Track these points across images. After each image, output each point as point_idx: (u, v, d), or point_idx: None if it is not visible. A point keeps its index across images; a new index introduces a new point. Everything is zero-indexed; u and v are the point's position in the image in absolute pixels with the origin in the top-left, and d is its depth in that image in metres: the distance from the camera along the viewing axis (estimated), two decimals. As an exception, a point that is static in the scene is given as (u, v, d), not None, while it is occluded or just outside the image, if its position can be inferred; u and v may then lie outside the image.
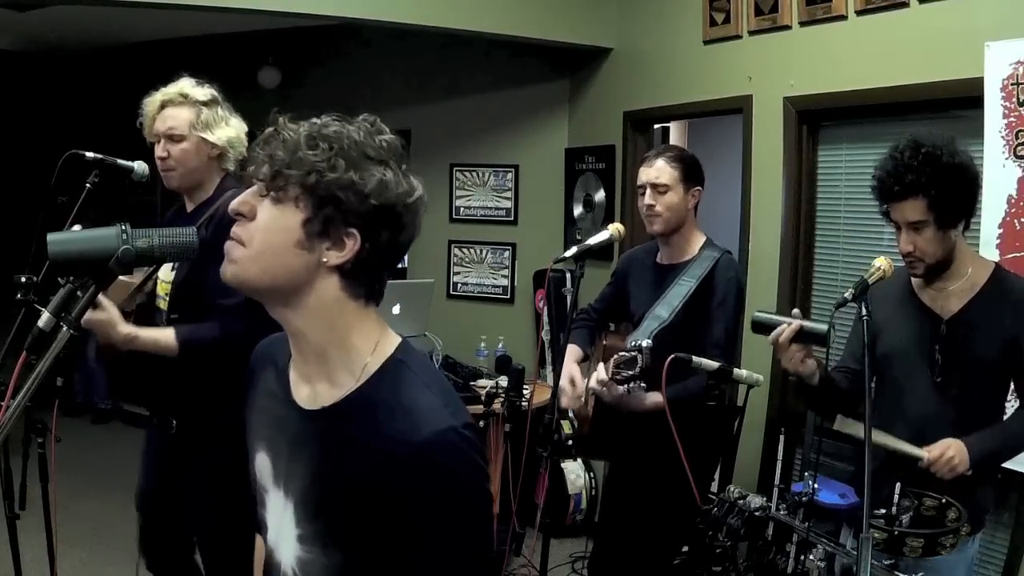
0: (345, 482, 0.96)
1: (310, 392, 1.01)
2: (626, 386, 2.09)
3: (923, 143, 1.74)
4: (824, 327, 1.74)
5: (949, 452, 1.75)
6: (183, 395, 2.01)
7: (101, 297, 1.69)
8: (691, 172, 2.36)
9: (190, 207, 2.11)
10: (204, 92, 2.05)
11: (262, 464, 1.07)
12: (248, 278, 0.97)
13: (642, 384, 2.08)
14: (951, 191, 1.73)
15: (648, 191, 2.35)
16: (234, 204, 0.98)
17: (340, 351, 0.99)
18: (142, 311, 2.11)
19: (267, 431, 1.07)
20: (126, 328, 1.81)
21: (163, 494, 2.17)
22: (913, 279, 1.92)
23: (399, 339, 1.03)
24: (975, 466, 1.76)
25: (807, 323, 1.79)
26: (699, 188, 2.38)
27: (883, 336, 1.92)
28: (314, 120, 0.98)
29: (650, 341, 2.10)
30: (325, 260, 0.95)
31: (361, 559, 0.96)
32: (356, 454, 0.95)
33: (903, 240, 1.80)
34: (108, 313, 1.77)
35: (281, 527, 1.04)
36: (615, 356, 2.14)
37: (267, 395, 1.09)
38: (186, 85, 2.04)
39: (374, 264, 0.98)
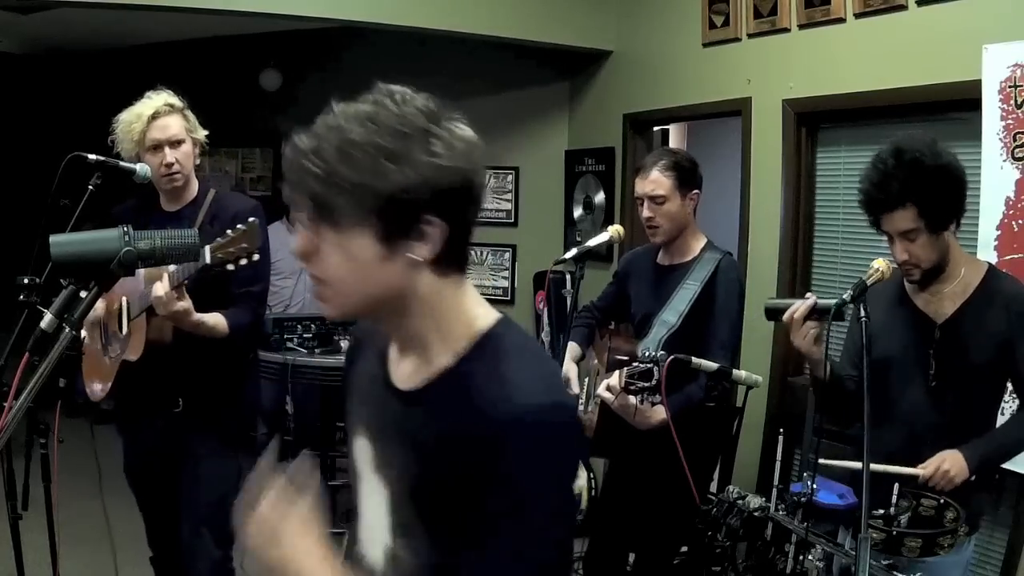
0: (436, 461, 0.91)
1: (407, 373, 0.97)
2: (640, 397, 2.10)
3: (905, 149, 1.72)
4: (836, 301, 1.74)
5: (944, 466, 1.74)
6: (191, 375, 2.11)
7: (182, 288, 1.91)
8: (687, 177, 2.34)
9: (173, 207, 2.19)
10: (179, 99, 2.17)
11: (361, 450, 1.03)
12: (350, 310, 0.93)
13: (658, 396, 2.08)
14: (939, 195, 1.72)
15: (646, 203, 2.35)
16: (296, 250, 0.92)
17: (439, 332, 0.94)
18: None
19: (367, 415, 1.03)
20: (197, 316, 1.98)
21: (155, 475, 2.26)
22: (906, 282, 1.93)
23: (497, 315, 0.97)
24: (975, 472, 1.75)
25: (820, 300, 1.79)
26: (697, 191, 2.37)
27: (877, 340, 1.91)
28: (334, 122, 0.87)
29: (665, 352, 2.10)
30: (414, 256, 0.89)
31: (449, 544, 0.91)
32: (447, 428, 0.91)
33: (898, 250, 1.78)
34: (188, 302, 1.93)
35: (376, 515, 1.00)
36: (628, 366, 2.14)
37: (368, 378, 1.04)
38: (165, 96, 2.15)
39: (463, 236, 0.92)
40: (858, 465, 1.77)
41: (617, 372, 2.17)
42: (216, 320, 2.05)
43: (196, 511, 2.19)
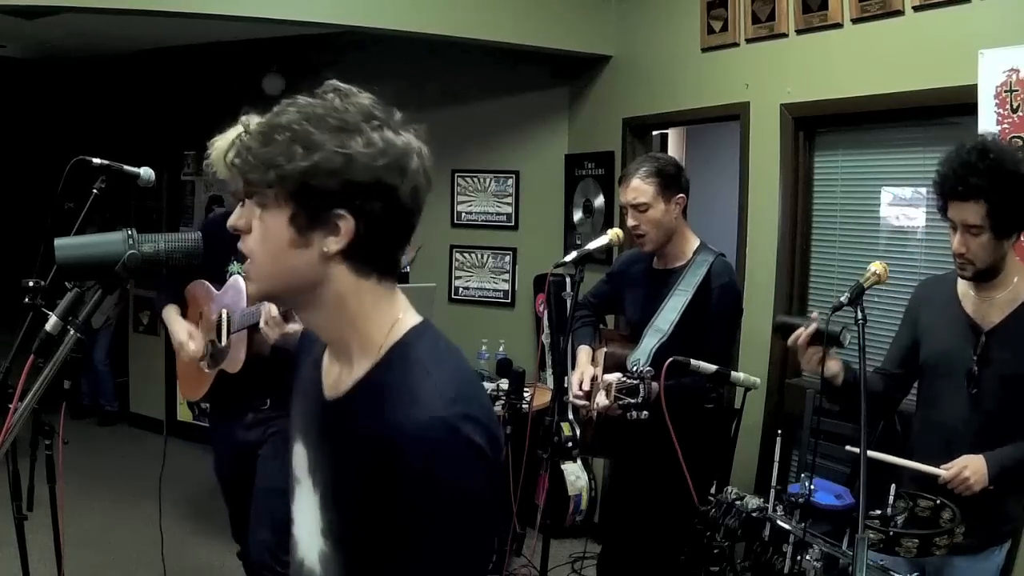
0: (352, 471, 0.93)
1: (334, 380, 1.00)
2: (628, 414, 2.12)
3: (991, 149, 1.74)
4: (839, 329, 1.78)
5: (965, 472, 1.76)
6: (282, 377, 2.12)
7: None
8: (669, 182, 2.33)
9: None
10: None
11: (298, 454, 1.06)
12: (264, 289, 0.97)
13: (644, 413, 2.10)
14: (1012, 201, 1.73)
15: (630, 212, 2.35)
16: (232, 221, 1.00)
17: (360, 339, 0.96)
18: None
19: (302, 422, 1.06)
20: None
21: (245, 478, 2.31)
22: (959, 285, 1.92)
23: (416, 320, 0.98)
24: (995, 481, 1.76)
25: (823, 326, 1.81)
26: (682, 195, 2.36)
27: (925, 341, 1.94)
28: (275, 109, 0.94)
29: (651, 368, 2.12)
30: (326, 250, 0.91)
31: (369, 555, 0.92)
32: (360, 440, 0.92)
33: (956, 241, 1.79)
34: (297, 324, 1.92)
35: (307, 519, 1.02)
36: (617, 381, 2.16)
37: (306, 384, 1.08)
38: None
39: (379, 238, 0.93)
40: (882, 456, 1.80)
41: (604, 389, 2.19)
42: None
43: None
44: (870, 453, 1.90)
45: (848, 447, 1.96)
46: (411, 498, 0.87)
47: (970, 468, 1.76)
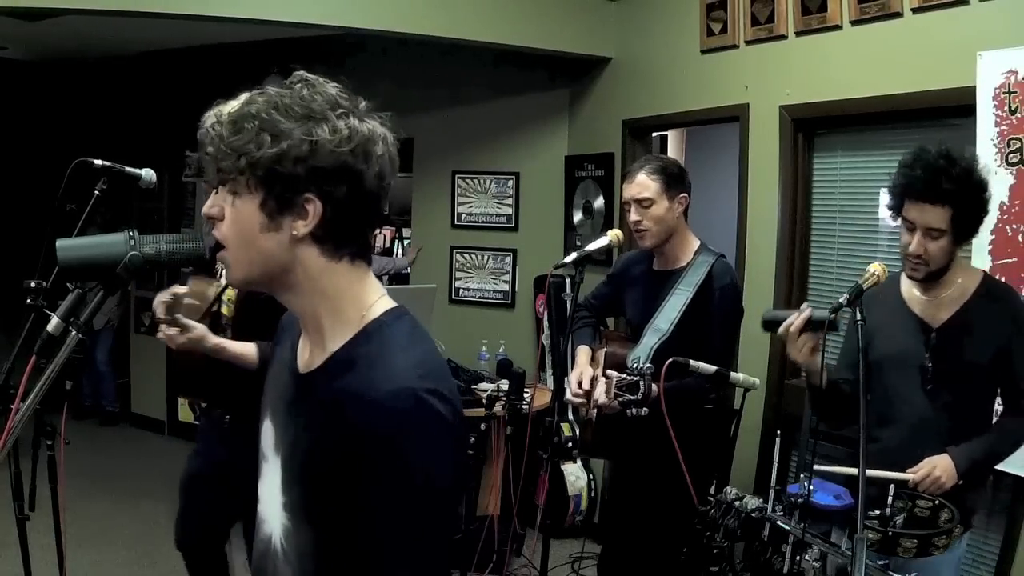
0: (317, 443, 0.96)
1: (308, 358, 1.03)
2: (628, 410, 2.13)
3: (956, 157, 1.75)
4: (831, 314, 1.77)
5: (935, 472, 1.78)
6: (235, 392, 2.10)
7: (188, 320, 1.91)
8: (673, 180, 2.35)
9: None
10: None
11: (266, 431, 1.09)
12: (241, 275, 1.01)
13: (644, 410, 2.11)
14: (975, 210, 1.76)
15: (633, 207, 2.36)
16: (205, 209, 1.01)
17: (333, 317, 1.00)
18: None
19: (272, 398, 1.10)
20: (214, 339, 1.99)
21: (210, 480, 2.31)
22: (903, 287, 1.95)
23: (392, 304, 1.02)
24: (964, 476, 1.78)
25: (816, 312, 1.82)
26: (685, 195, 2.38)
27: (875, 343, 1.94)
28: (243, 98, 0.98)
29: (651, 366, 2.13)
30: (295, 232, 0.95)
31: (330, 531, 0.95)
32: (326, 412, 0.95)
33: (915, 243, 1.80)
34: (199, 330, 1.95)
35: (271, 495, 1.05)
36: (617, 378, 2.17)
37: (279, 365, 1.12)
38: None
39: (346, 221, 0.97)
40: (853, 471, 1.80)
41: (604, 384, 2.19)
42: (245, 351, 2.03)
43: (231, 523, 2.35)
44: (839, 469, 1.93)
45: (817, 466, 1.95)
46: (375, 463, 0.89)
47: (939, 467, 1.78)
